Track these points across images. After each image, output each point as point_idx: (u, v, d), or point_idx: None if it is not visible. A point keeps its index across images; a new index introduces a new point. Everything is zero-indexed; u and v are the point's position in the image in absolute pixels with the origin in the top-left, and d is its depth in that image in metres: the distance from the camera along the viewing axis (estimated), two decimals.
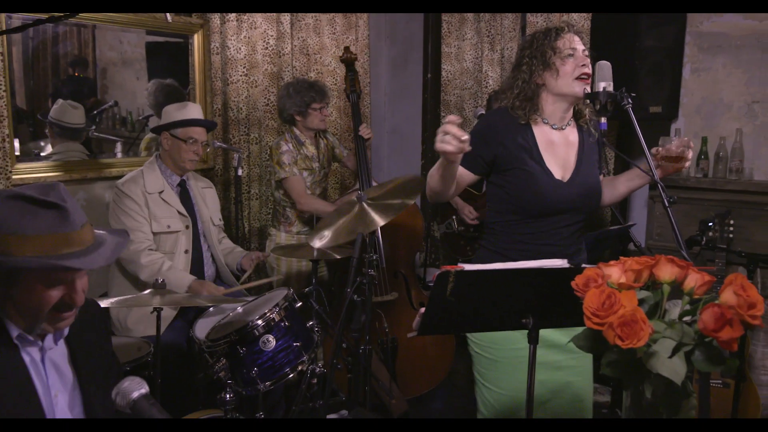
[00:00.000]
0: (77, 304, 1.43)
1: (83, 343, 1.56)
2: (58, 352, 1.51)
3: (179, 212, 2.91)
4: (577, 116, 2.08)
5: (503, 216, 2.04)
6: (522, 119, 2.00)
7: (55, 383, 1.47)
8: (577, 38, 1.98)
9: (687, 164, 1.95)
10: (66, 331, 1.51)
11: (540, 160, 1.98)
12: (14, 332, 1.42)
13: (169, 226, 2.84)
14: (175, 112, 2.94)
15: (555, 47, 1.94)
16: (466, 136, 1.65)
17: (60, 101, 3.12)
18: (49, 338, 1.48)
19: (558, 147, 2.02)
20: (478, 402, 2.04)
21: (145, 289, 2.42)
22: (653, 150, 1.95)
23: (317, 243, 2.50)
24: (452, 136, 1.64)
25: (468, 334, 2.03)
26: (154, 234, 2.82)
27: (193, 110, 2.98)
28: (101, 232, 1.52)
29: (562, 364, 1.94)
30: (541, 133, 2.01)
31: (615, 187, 2.15)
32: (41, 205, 1.36)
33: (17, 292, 1.37)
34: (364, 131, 3.45)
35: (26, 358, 1.43)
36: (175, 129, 2.90)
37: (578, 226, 2.06)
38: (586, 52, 1.97)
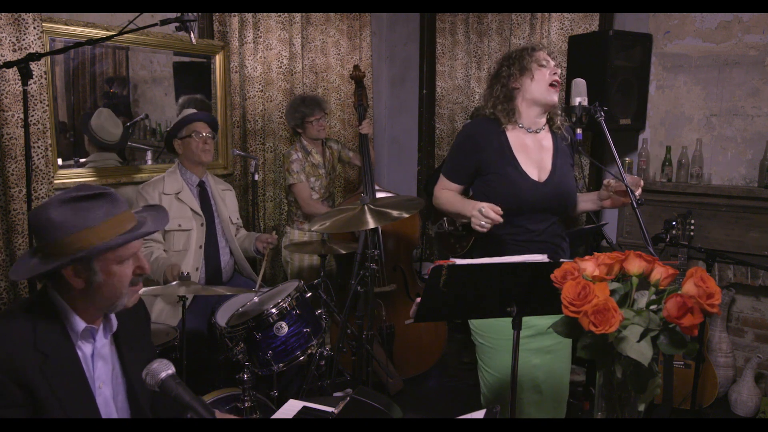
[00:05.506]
0: (147, 272, 1.42)
1: (128, 335, 1.52)
2: (106, 345, 1.47)
3: (193, 211, 2.87)
4: (551, 123, 2.07)
5: None
6: (503, 121, 1.99)
7: (101, 375, 1.44)
8: (549, 57, 2.00)
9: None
10: (115, 326, 1.48)
11: (515, 163, 1.96)
12: (80, 326, 1.38)
13: (180, 225, 2.80)
14: (175, 120, 2.97)
15: (532, 56, 1.97)
16: (497, 217, 1.75)
17: (102, 113, 3.07)
18: (100, 334, 1.44)
19: (531, 150, 2.00)
20: (480, 383, 2.05)
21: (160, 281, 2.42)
22: (605, 181, 1.96)
23: (315, 227, 2.52)
24: (490, 221, 1.76)
25: (472, 328, 2.03)
26: (166, 232, 2.78)
27: (189, 111, 2.99)
28: (137, 210, 1.51)
29: (551, 348, 1.93)
30: (515, 137, 2.00)
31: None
32: (89, 198, 1.33)
33: (99, 279, 1.34)
34: (364, 128, 3.43)
35: (79, 353, 1.39)
36: (179, 131, 2.90)
37: (556, 225, 2.04)
38: (557, 68, 2.00)
